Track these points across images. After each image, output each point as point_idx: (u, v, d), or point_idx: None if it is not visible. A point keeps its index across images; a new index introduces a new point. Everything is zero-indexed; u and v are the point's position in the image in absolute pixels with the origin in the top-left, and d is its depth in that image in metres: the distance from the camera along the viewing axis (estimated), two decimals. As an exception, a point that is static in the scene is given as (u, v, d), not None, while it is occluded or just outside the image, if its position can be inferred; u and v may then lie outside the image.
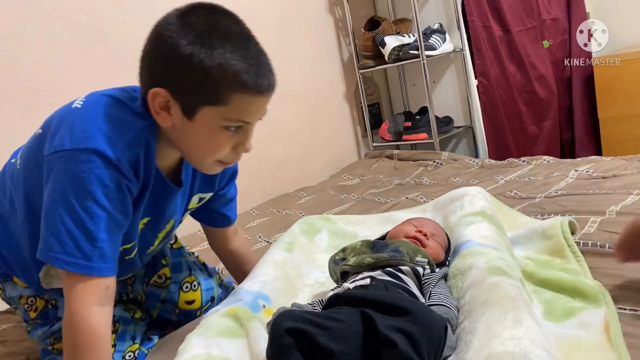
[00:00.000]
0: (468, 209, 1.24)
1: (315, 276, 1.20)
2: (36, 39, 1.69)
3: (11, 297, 1.06)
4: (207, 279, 1.21)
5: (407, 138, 2.62)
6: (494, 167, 2.11)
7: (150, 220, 0.98)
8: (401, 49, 2.46)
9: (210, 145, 0.87)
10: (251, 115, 0.86)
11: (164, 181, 0.95)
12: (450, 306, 0.87)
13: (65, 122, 0.84)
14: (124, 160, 0.83)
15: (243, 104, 0.83)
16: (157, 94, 0.83)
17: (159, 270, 1.17)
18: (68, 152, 0.80)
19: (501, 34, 2.58)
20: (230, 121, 0.84)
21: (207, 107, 0.83)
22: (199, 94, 0.82)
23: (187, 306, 1.16)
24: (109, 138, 0.82)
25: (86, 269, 0.81)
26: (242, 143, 0.88)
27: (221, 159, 0.90)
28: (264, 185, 2.36)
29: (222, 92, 0.81)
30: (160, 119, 0.86)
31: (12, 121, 1.63)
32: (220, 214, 1.17)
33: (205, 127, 0.85)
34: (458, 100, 2.67)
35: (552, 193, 1.60)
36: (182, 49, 0.79)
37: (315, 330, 0.74)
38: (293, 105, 2.49)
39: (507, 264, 0.96)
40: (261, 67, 0.84)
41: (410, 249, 1.00)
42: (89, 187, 0.79)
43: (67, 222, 0.79)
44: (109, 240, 0.82)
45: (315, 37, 2.61)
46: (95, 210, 0.80)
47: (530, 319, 0.75)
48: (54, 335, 1.06)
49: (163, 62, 0.82)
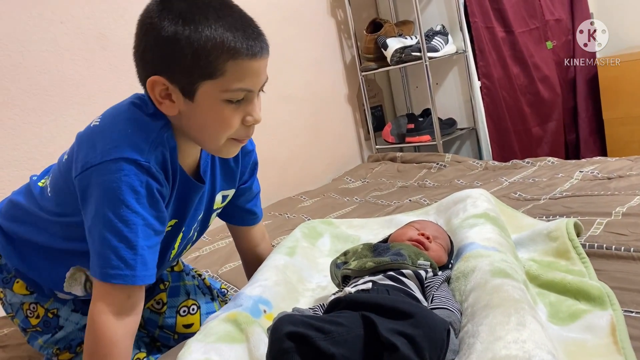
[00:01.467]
0: (471, 211, 1.22)
1: (317, 280, 1.18)
2: (37, 43, 1.68)
3: (11, 304, 1.05)
4: (209, 303, 1.18)
5: (410, 140, 2.61)
6: (498, 168, 2.09)
7: (177, 222, 0.97)
8: (403, 51, 2.45)
9: (217, 122, 0.85)
10: (250, 81, 0.84)
11: (188, 179, 0.94)
12: (453, 309, 0.85)
13: (88, 140, 0.85)
14: (153, 162, 0.83)
15: (239, 71, 0.82)
16: (154, 82, 0.83)
17: (157, 295, 1.15)
18: (97, 167, 0.80)
19: (504, 35, 2.57)
20: (231, 92, 0.83)
21: (204, 83, 0.82)
22: (194, 71, 0.81)
23: (185, 330, 1.13)
24: (134, 143, 0.82)
25: (130, 278, 0.80)
26: (250, 114, 0.87)
27: (234, 136, 0.88)
28: (266, 189, 2.34)
29: (215, 63, 0.80)
30: (165, 108, 0.85)
31: (13, 126, 1.63)
32: (247, 210, 1.16)
33: (208, 105, 0.83)
34: (461, 101, 2.66)
35: (556, 194, 1.59)
36: (166, 30, 0.79)
37: (315, 334, 0.72)
38: (295, 108, 2.48)
39: (511, 266, 0.94)
40: (248, 31, 0.83)
41: (412, 252, 0.98)
42: (121, 196, 0.79)
43: (107, 236, 0.79)
44: (147, 247, 0.82)
45: (317, 40, 2.61)
46: (130, 217, 0.80)
47: (535, 321, 0.74)
48: (57, 345, 1.05)
49: (152, 50, 0.82)
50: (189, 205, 0.97)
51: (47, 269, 1.00)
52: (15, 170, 1.63)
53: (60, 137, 1.72)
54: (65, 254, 0.96)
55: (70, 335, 1.06)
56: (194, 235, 1.08)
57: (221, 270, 1.54)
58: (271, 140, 2.38)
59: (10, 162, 1.62)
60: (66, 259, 0.97)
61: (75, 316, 1.06)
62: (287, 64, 2.46)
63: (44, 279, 1.02)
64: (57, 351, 1.06)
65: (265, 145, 2.35)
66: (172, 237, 0.99)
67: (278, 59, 2.49)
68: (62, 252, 0.96)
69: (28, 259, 1.00)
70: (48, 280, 1.02)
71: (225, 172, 1.05)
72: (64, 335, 1.05)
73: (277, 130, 2.40)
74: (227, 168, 1.05)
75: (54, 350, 1.06)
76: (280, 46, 2.43)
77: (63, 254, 0.97)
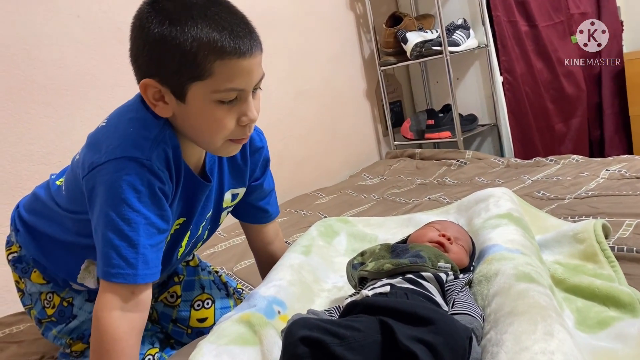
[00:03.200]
0: (493, 211, 1.18)
1: (333, 281, 1.15)
2: (53, 38, 1.68)
3: (31, 294, 1.07)
4: (224, 298, 1.17)
5: (429, 137, 2.56)
6: (520, 166, 2.04)
7: (185, 220, 0.97)
8: (424, 45, 2.41)
9: (211, 124, 0.83)
10: (241, 80, 0.81)
11: (195, 177, 0.93)
12: (475, 315, 0.82)
13: (94, 141, 0.86)
14: (154, 159, 0.82)
15: (228, 71, 0.79)
16: (147, 85, 0.82)
17: (170, 287, 1.15)
18: (101, 167, 0.81)
19: (527, 29, 2.52)
20: (221, 92, 0.81)
21: (194, 84, 0.80)
22: (182, 73, 0.79)
23: (199, 324, 1.12)
24: (135, 141, 0.82)
25: (132, 277, 0.80)
26: (245, 113, 0.84)
27: (230, 136, 0.86)
28: (282, 185, 2.32)
29: (202, 64, 0.78)
30: (159, 110, 0.84)
31: (29, 120, 1.63)
32: (259, 208, 1.13)
33: (199, 106, 0.82)
34: (482, 97, 2.62)
35: (582, 194, 1.53)
36: (153, 33, 0.78)
37: (330, 339, 0.70)
38: (312, 104, 2.46)
39: (536, 269, 0.90)
40: (236, 29, 0.80)
41: (433, 254, 0.95)
42: (122, 194, 0.79)
43: (109, 235, 0.79)
44: (149, 246, 0.81)
45: (335, 34, 2.57)
46: (131, 216, 0.80)
47: (563, 330, 0.70)
48: (70, 335, 1.05)
49: (143, 52, 0.81)
50: (196, 204, 0.96)
51: (62, 260, 1.01)
52: (32, 165, 1.63)
53: (76, 131, 1.71)
54: (79, 247, 0.97)
55: (83, 325, 1.06)
56: (203, 233, 1.07)
57: (236, 267, 1.52)
58: (288, 136, 2.36)
59: (27, 156, 1.62)
60: (80, 252, 0.98)
61: (89, 305, 1.06)
62: (304, 59, 2.43)
63: (60, 269, 1.03)
64: (70, 341, 1.06)
65: (282, 141, 2.33)
66: (180, 235, 0.99)
67: (295, 54, 2.47)
68: (76, 245, 0.97)
69: (45, 250, 1.02)
70: (63, 270, 1.03)
71: (234, 170, 1.03)
72: (78, 324, 1.06)
73: (294, 126, 2.38)
74: (235, 166, 1.03)
75: (67, 341, 1.06)
76: (298, 41, 2.40)
77: (77, 247, 0.97)
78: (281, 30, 2.33)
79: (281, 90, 2.34)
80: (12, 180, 1.59)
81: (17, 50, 1.60)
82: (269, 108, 2.30)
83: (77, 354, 1.06)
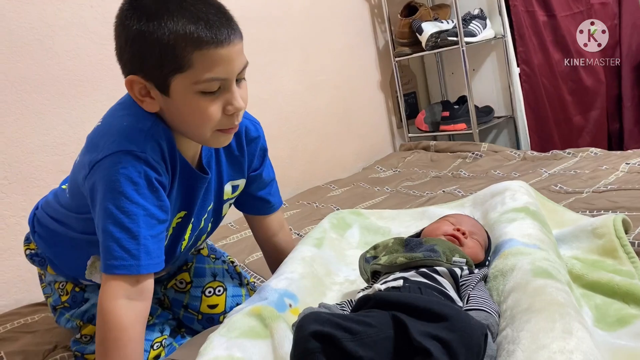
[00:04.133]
0: (510, 204, 1.16)
1: (345, 274, 1.14)
2: (67, 28, 1.67)
3: (49, 282, 1.12)
4: (237, 287, 1.18)
5: (444, 129, 2.53)
6: (537, 159, 2.01)
7: (186, 214, 0.98)
8: (439, 36, 2.37)
9: (196, 115, 0.84)
10: (221, 69, 0.81)
11: (192, 170, 0.94)
12: (491, 311, 0.80)
13: (92, 142, 0.87)
14: (149, 151, 0.83)
15: (207, 61, 0.80)
16: (132, 82, 0.83)
17: (179, 275, 1.16)
18: (98, 164, 0.82)
19: (545, 19, 2.48)
20: (202, 83, 0.81)
21: (175, 77, 0.81)
22: (163, 66, 0.80)
23: (210, 310, 1.13)
24: (129, 135, 0.83)
25: (135, 268, 0.81)
26: (230, 103, 0.84)
27: (218, 127, 0.86)
28: (295, 177, 2.31)
29: (181, 56, 0.79)
30: (146, 105, 0.86)
31: (44, 111, 1.63)
32: (259, 198, 1.13)
33: (183, 99, 0.82)
34: (499, 89, 2.58)
35: (601, 187, 1.50)
36: (133, 29, 0.79)
37: (342, 334, 0.69)
38: (325, 95, 2.43)
39: (553, 265, 0.88)
40: (212, 19, 0.80)
41: (447, 248, 0.93)
42: (119, 188, 0.81)
43: (110, 229, 0.81)
44: (150, 236, 0.83)
45: (349, 24, 2.54)
46: (130, 208, 0.81)
47: (582, 328, 0.68)
48: (81, 318, 1.08)
49: (125, 49, 0.82)
50: (195, 197, 0.97)
51: (70, 258, 1.05)
52: (45, 155, 1.63)
53: (89, 122, 1.71)
54: (85, 244, 1.00)
55: (93, 309, 1.08)
56: (206, 226, 1.07)
57: (248, 259, 1.51)
58: (301, 127, 2.34)
59: (41, 147, 1.63)
60: (86, 248, 1.01)
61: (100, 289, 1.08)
62: (318, 50, 2.41)
63: (69, 268, 1.07)
64: (80, 323, 1.08)
65: (295, 133, 2.32)
66: (182, 229, 1.00)
67: (309, 45, 2.45)
68: (83, 241, 0.99)
69: (56, 249, 1.05)
70: (73, 269, 1.06)
71: (231, 162, 1.04)
72: (89, 307, 1.08)
73: (307, 117, 2.36)
74: (233, 158, 1.04)
75: (78, 323, 1.08)
76: (312, 32, 2.38)
77: (83, 244, 1.00)
78: (295, 21, 2.31)
79: (294, 82, 2.32)
80: (26, 171, 1.59)
81: (31, 41, 1.60)
82: (282, 100, 2.28)
83: (87, 338, 1.08)
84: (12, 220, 1.56)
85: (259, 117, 1.14)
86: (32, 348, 1.23)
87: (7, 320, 1.40)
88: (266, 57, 2.21)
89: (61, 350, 1.20)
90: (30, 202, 1.59)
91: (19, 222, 1.57)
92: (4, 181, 1.55)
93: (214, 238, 1.68)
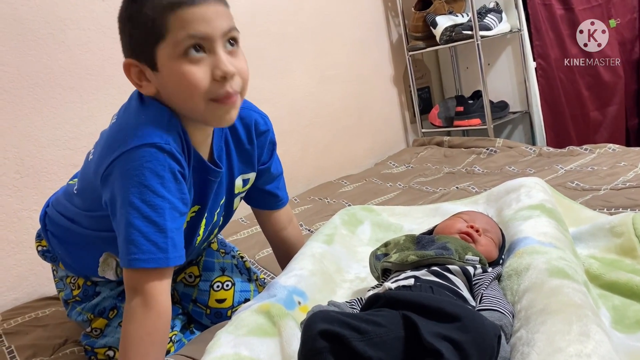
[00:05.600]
0: (525, 201, 1.13)
1: (356, 271, 1.12)
2: (79, 22, 1.67)
3: (61, 278, 1.13)
4: (245, 282, 1.18)
5: (458, 124, 2.50)
6: (553, 155, 1.97)
7: (200, 208, 0.98)
8: (454, 29, 2.34)
9: (183, 83, 0.82)
10: (196, 27, 0.81)
11: (205, 164, 0.94)
12: (505, 312, 0.78)
13: (108, 140, 0.88)
14: (172, 142, 0.84)
15: (182, 20, 0.80)
16: (128, 66, 0.86)
17: (187, 268, 1.17)
18: (120, 158, 0.82)
19: (563, 12, 2.43)
20: (182, 45, 0.81)
21: (159, 47, 0.82)
22: (148, 41, 0.82)
23: (218, 304, 1.13)
24: (150, 128, 0.83)
25: (164, 261, 0.82)
26: (217, 66, 0.82)
27: (210, 95, 0.84)
28: (307, 172, 2.30)
29: (160, 24, 0.81)
30: (145, 89, 0.87)
31: (55, 105, 1.63)
32: (268, 192, 1.13)
33: (169, 67, 0.82)
34: (514, 83, 2.54)
35: (619, 185, 1.47)
36: (122, 16, 0.85)
37: (351, 334, 0.67)
38: (338, 89, 2.41)
39: (570, 264, 0.85)
40: None
41: (460, 246, 0.91)
42: (145, 181, 0.80)
43: (136, 223, 0.80)
44: (175, 229, 0.84)
45: (362, 18, 2.52)
46: (157, 202, 0.81)
47: (601, 331, 0.65)
48: (92, 311, 1.09)
49: (122, 37, 0.86)
50: (208, 191, 0.97)
51: (82, 255, 1.05)
52: (57, 150, 1.63)
53: (101, 116, 1.71)
54: (97, 241, 1.00)
55: (104, 302, 1.09)
56: (218, 220, 1.08)
57: (258, 255, 1.50)
58: (312, 122, 2.32)
59: (53, 141, 1.63)
60: (98, 246, 1.01)
61: (111, 283, 1.10)
62: (330, 44, 2.38)
63: (81, 265, 1.08)
64: (91, 316, 1.09)
65: (307, 127, 2.30)
66: (197, 223, 1.00)
67: (321, 38, 2.43)
68: (94, 238, 1.00)
69: (67, 246, 1.06)
70: (85, 266, 1.07)
71: (242, 155, 1.04)
72: (100, 300, 1.09)
73: (319, 112, 2.34)
74: (243, 151, 1.04)
75: (89, 316, 1.09)
76: (324, 25, 2.35)
77: (95, 241, 1.00)
78: (307, 15, 2.28)
79: (306, 75, 2.30)
80: (38, 165, 1.60)
81: (43, 35, 1.60)
82: (294, 94, 2.27)
83: (97, 332, 1.09)
84: (23, 214, 1.57)
85: (270, 112, 1.12)
86: (43, 342, 1.23)
87: (19, 314, 1.41)
88: (278, 51, 2.19)
89: (71, 345, 1.20)
90: (42, 196, 1.60)
91: (31, 216, 1.58)
92: (15, 175, 1.56)
93: (225, 233, 1.67)
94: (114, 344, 1.06)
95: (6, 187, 1.54)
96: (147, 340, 0.80)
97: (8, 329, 1.34)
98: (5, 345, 1.24)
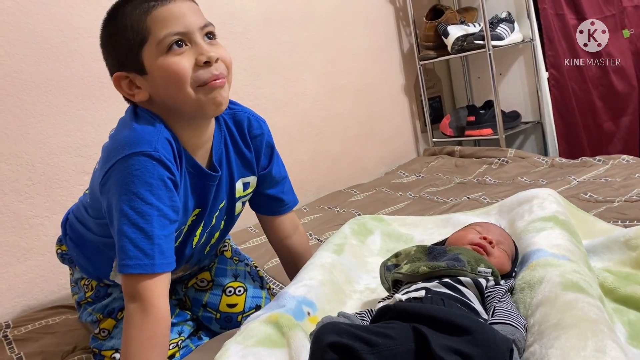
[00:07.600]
0: (538, 213, 1.12)
1: (366, 282, 1.11)
2: (92, 30, 1.68)
3: (76, 280, 1.17)
4: (257, 289, 1.18)
5: (470, 134, 2.48)
6: (566, 166, 1.94)
7: (200, 211, 1.00)
8: (465, 39, 2.33)
9: (170, 75, 0.87)
10: (175, 24, 0.86)
11: (200, 168, 0.96)
12: (518, 325, 0.76)
13: (107, 149, 0.91)
14: (161, 149, 0.86)
15: (159, 21, 0.86)
16: (118, 79, 0.90)
17: (199, 274, 1.18)
18: (113, 167, 0.85)
19: (576, 22, 2.42)
20: (165, 42, 0.86)
21: (143, 50, 0.87)
22: (132, 48, 0.87)
23: (229, 309, 1.13)
24: (140, 136, 0.86)
25: (150, 267, 0.83)
26: (199, 53, 0.88)
27: (197, 82, 0.88)
28: (316, 181, 2.29)
29: (140, 28, 0.86)
30: (138, 97, 0.90)
31: (67, 112, 1.64)
32: (271, 197, 1.13)
33: (157, 66, 0.87)
34: (526, 93, 2.53)
35: (633, 196, 1.44)
36: (103, 36, 0.91)
37: (361, 346, 0.66)
38: (348, 98, 2.41)
39: (584, 278, 0.84)
40: None
41: (472, 258, 0.89)
42: (134, 189, 0.83)
43: (125, 229, 0.83)
44: (164, 237, 0.85)
45: (373, 27, 2.52)
46: (144, 209, 0.83)
47: (617, 347, 0.64)
48: (101, 312, 1.10)
49: (106, 57, 0.92)
50: (207, 195, 1.00)
51: (96, 260, 1.09)
52: (69, 157, 1.64)
53: (112, 124, 1.68)
54: (106, 247, 1.03)
55: (113, 303, 1.11)
56: (218, 224, 1.08)
57: (267, 265, 1.49)
58: (323, 131, 2.32)
59: (64, 149, 1.64)
60: (108, 251, 1.03)
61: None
62: (341, 53, 2.38)
63: (95, 269, 1.11)
64: (100, 317, 1.11)
65: (317, 137, 2.30)
66: (195, 226, 1.02)
67: (332, 48, 2.43)
68: (104, 245, 1.04)
69: (83, 250, 1.10)
70: (98, 270, 1.10)
71: (240, 158, 1.06)
72: (110, 301, 1.11)
73: (329, 121, 2.34)
74: (241, 154, 1.06)
75: (98, 317, 1.11)
76: (335, 34, 2.36)
77: (105, 247, 1.03)
78: (318, 23, 2.29)
79: (317, 85, 2.30)
80: (49, 172, 1.60)
81: (56, 43, 1.62)
82: (304, 103, 2.27)
83: (105, 334, 1.09)
84: (35, 220, 1.58)
85: (280, 120, 1.12)
86: (52, 349, 1.23)
87: (28, 321, 1.41)
88: (289, 60, 2.20)
89: (80, 352, 1.20)
90: (53, 203, 1.60)
91: (42, 223, 1.59)
92: (27, 182, 1.57)
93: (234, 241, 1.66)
94: (120, 346, 1.06)
95: (18, 194, 1.55)
96: (146, 344, 0.81)
97: (18, 335, 1.34)
98: (15, 352, 1.24)
